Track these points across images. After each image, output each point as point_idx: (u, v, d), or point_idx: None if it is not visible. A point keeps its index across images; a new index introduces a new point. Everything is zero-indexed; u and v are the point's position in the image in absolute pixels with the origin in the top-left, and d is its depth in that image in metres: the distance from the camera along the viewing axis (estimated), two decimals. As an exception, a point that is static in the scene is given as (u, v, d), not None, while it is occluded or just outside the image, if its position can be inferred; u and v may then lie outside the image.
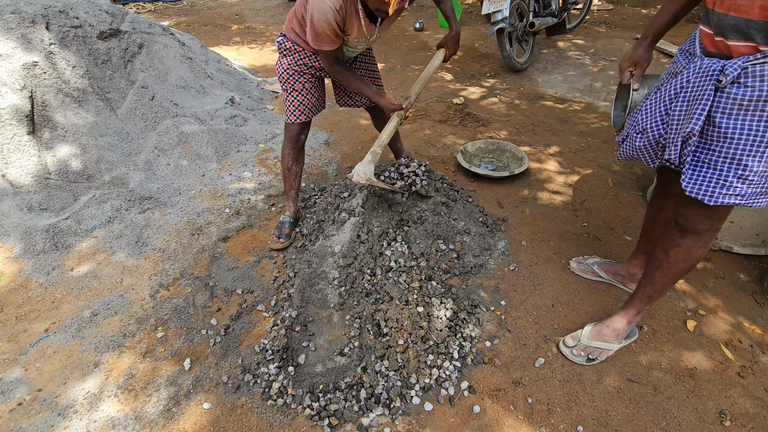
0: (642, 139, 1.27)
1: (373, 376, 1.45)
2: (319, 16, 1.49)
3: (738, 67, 1.02)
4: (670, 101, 1.17)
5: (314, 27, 1.53)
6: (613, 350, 1.52)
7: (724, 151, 1.09)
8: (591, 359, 1.51)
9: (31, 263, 1.92)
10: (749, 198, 1.11)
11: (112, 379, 1.49)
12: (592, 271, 1.86)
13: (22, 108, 2.22)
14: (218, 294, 1.82)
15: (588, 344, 1.52)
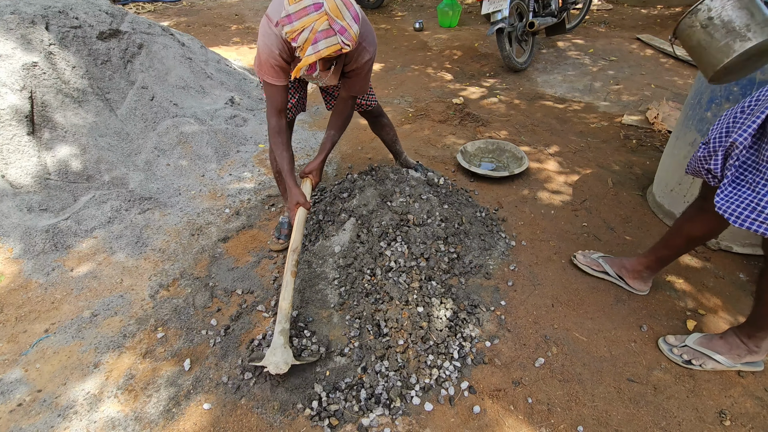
0: (703, 150, 1.19)
1: (373, 376, 1.45)
2: (264, 43, 1.44)
3: None
4: (741, 113, 1.10)
5: (259, 54, 1.47)
6: (724, 366, 1.43)
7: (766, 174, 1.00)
8: (686, 361, 1.46)
9: (31, 264, 1.92)
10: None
11: (112, 379, 1.49)
12: (597, 264, 1.83)
13: (22, 108, 2.22)
14: (218, 294, 1.82)
15: (696, 349, 1.46)
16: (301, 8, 1.22)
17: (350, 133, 3.08)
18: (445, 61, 4.41)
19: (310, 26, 1.22)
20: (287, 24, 1.24)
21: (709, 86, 1.82)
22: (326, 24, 1.23)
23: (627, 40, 4.66)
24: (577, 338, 1.61)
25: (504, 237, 2.06)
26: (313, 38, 1.23)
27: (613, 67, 4.05)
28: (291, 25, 1.24)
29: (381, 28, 5.56)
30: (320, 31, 1.23)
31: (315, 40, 1.24)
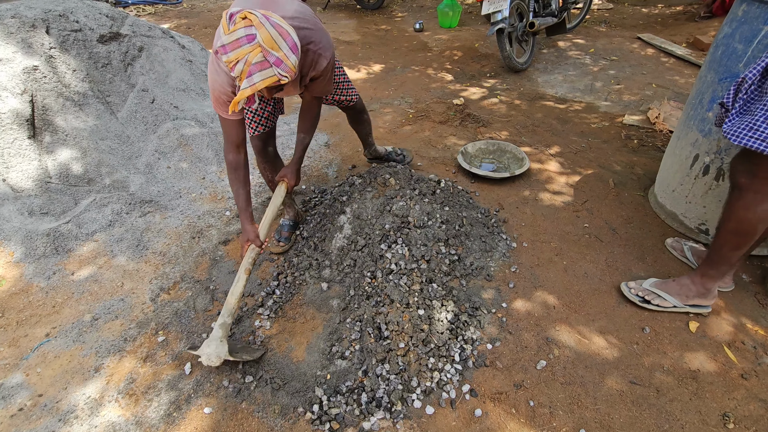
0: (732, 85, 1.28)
1: (374, 379, 1.45)
2: (211, 77, 1.42)
3: None
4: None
5: (211, 90, 1.44)
6: (671, 305, 1.60)
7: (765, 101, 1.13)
8: (645, 300, 1.63)
9: (32, 267, 1.92)
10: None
11: (112, 383, 1.49)
12: (681, 249, 1.91)
13: (23, 112, 2.23)
14: (219, 297, 1.82)
15: (650, 288, 1.63)
16: (234, 39, 1.15)
17: (351, 134, 3.08)
18: (446, 62, 4.41)
19: (243, 58, 1.16)
20: (223, 54, 1.18)
21: (710, 86, 1.81)
22: (260, 56, 1.16)
23: (628, 40, 4.65)
24: (579, 340, 1.60)
25: (505, 238, 2.06)
26: (248, 71, 1.17)
27: (614, 67, 4.03)
28: (227, 56, 1.18)
29: (381, 29, 5.55)
30: (254, 64, 1.17)
31: (250, 73, 1.18)
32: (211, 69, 1.41)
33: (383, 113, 3.39)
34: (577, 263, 1.93)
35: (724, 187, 1.84)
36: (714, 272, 1.51)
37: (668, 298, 1.61)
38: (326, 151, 2.88)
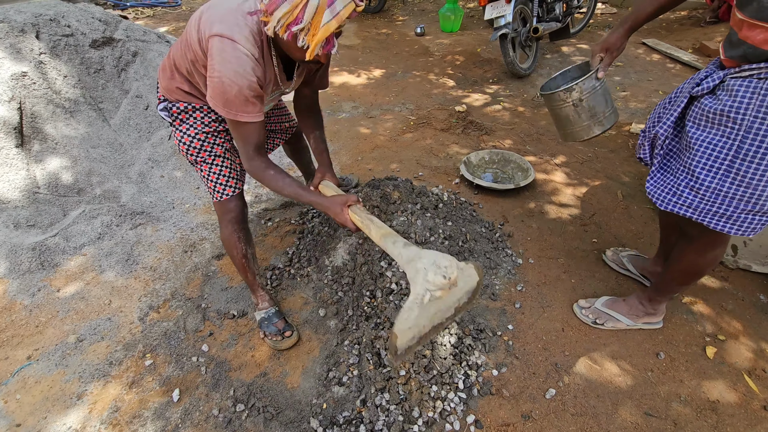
0: (641, 138, 1.32)
1: (373, 410, 1.36)
2: (234, 70, 1.09)
3: (717, 78, 1.03)
4: (669, 103, 1.22)
5: (225, 86, 1.11)
6: (624, 324, 1.59)
7: (684, 160, 1.11)
8: (597, 323, 1.61)
9: (16, 284, 1.84)
10: (703, 214, 1.11)
11: (96, 412, 1.40)
12: (621, 263, 1.87)
13: (10, 120, 2.14)
14: (210, 317, 1.73)
15: (602, 309, 1.62)
16: None
17: (350, 142, 3.00)
18: (447, 67, 4.33)
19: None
20: (282, 3, 0.99)
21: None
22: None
23: (632, 45, 4.57)
24: (590, 366, 1.52)
25: (510, 254, 1.97)
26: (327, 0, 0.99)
27: (620, 73, 3.95)
28: (288, 2, 0.98)
29: (382, 33, 5.48)
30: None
31: (330, 1, 0.99)
32: (229, 60, 1.09)
33: (384, 120, 3.31)
34: (586, 282, 1.84)
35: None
36: (661, 297, 1.54)
37: (621, 319, 1.59)
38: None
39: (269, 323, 1.61)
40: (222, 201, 1.48)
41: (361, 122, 3.28)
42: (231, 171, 1.47)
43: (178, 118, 1.41)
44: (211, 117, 1.41)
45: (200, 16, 1.19)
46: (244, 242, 1.54)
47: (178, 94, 1.37)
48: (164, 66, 1.39)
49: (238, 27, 1.10)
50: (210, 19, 1.13)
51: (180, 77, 1.34)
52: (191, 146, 1.42)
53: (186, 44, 1.25)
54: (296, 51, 1.12)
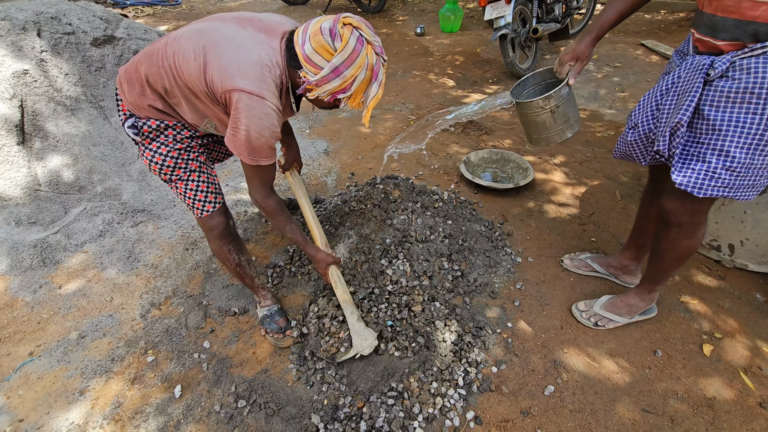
0: (633, 134, 1.31)
1: (373, 406, 1.37)
2: (263, 125, 1.13)
3: (726, 61, 1.05)
4: (661, 96, 1.22)
5: (252, 139, 1.15)
6: (622, 323, 1.61)
7: (713, 144, 1.11)
8: (598, 325, 1.62)
9: (18, 280, 1.85)
10: (737, 190, 1.14)
11: (98, 408, 1.41)
12: (585, 265, 1.88)
13: (12, 117, 2.15)
14: (212, 314, 1.74)
15: (599, 312, 1.62)
16: (351, 52, 1.07)
17: (350, 141, 3.01)
18: (447, 67, 4.35)
19: (365, 65, 1.09)
20: (333, 79, 1.09)
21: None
22: (374, 53, 1.11)
23: (631, 46, 4.59)
24: (588, 364, 1.53)
25: (510, 253, 1.99)
26: (373, 74, 1.12)
27: (618, 74, 3.97)
28: (340, 78, 1.09)
29: (382, 33, 5.49)
30: (375, 63, 1.12)
31: (375, 74, 1.12)
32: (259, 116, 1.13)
33: (384, 120, 3.33)
34: (584, 280, 1.86)
35: (737, 203, 1.78)
36: (658, 287, 1.57)
37: (619, 320, 1.60)
38: (325, 158, 2.81)
39: (271, 320, 1.62)
40: (203, 218, 1.44)
41: (361, 122, 3.29)
42: (208, 185, 1.42)
43: (148, 137, 1.34)
44: (184, 134, 1.36)
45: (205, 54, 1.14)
46: (235, 252, 1.52)
47: (149, 112, 1.29)
48: (129, 79, 1.28)
49: (264, 84, 1.12)
50: (228, 71, 1.11)
51: (153, 94, 1.27)
52: (164, 165, 1.35)
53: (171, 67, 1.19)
54: (326, 105, 1.24)
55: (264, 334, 1.63)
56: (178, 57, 1.17)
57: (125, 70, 1.30)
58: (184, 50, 1.17)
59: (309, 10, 6.39)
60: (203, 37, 1.17)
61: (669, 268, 1.46)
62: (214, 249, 1.51)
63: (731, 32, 1.04)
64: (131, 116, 1.33)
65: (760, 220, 1.75)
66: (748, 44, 1.02)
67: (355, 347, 1.47)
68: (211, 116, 1.28)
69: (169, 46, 1.20)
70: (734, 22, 1.02)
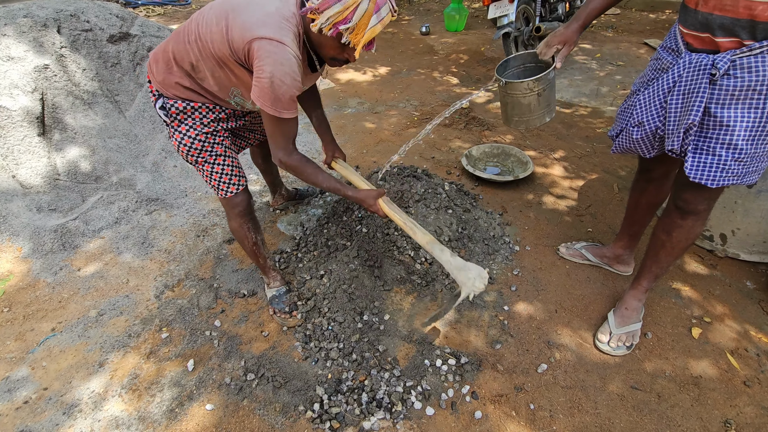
0: (639, 132, 1.36)
1: (374, 379, 1.45)
2: (285, 71, 1.14)
3: (728, 60, 1.10)
4: (664, 95, 1.26)
5: (275, 86, 1.15)
6: (639, 327, 1.60)
7: (722, 138, 1.17)
8: (629, 346, 1.56)
9: (40, 263, 1.95)
10: (743, 177, 1.22)
11: (116, 379, 1.51)
12: (580, 254, 1.95)
13: (33, 110, 2.26)
14: (222, 296, 1.83)
15: (621, 332, 1.58)
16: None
17: (355, 136, 3.10)
18: (452, 65, 4.42)
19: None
20: (335, 3, 1.07)
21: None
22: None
23: (635, 45, 4.64)
24: (580, 344, 1.60)
25: (508, 242, 2.06)
26: (375, 6, 1.09)
27: (621, 72, 4.03)
28: (342, 3, 1.07)
29: (387, 32, 5.58)
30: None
31: (377, 7, 1.10)
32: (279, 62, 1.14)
33: (388, 116, 3.41)
34: (579, 267, 1.93)
35: (729, 192, 1.83)
36: (654, 284, 1.59)
37: (637, 326, 1.60)
38: (331, 152, 2.89)
39: (279, 301, 1.71)
40: (228, 197, 1.51)
41: (367, 117, 3.38)
42: (233, 168, 1.50)
43: (177, 119, 1.40)
44: (210, 117, 1.42)
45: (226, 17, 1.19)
46: (253, 231, 1.60)
47: (176, 90, 1.36)
48: (157, 59, 1.36)
49: (284, 30, 1.14)
50: (248, 23, 1.15)
51: (180, 72, 1.33)
52: (192, 147, 1.42)
53: (197, 39, 1.25)
54: (331, 49, 1.21)
55: (272, 314, 1.71)
56: (202, 27, 1.23)
57: (154, 52, 1.39)
58: (207, 20, 1.23)
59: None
60: (224, 3, 1.22)
61: (674, 259, 1.49)
62: (235, 227, 1.58)
63: (729, 30, 1.09)
64: (160, 97, 1.39)
65: (750, 210, 1.81)
66: (746, 41, 1.07)
67: (465, 286, 1.33)
68: (237, 83, 1.31)
69: (193, 22, 1.28)
70: (732, 21, 1.07)
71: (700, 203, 1.32)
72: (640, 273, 1.59)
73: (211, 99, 1.40)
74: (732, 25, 1.08)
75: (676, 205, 1.37)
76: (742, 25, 1.06)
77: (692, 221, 1.36)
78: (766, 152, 1.19)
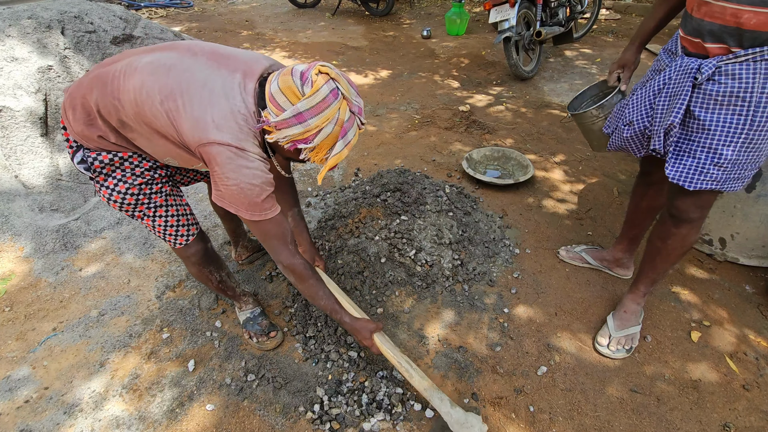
0: (629, 131, 1.38)
1: (375, 381, 1.46)
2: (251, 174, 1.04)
3: (712, 66, 1.13)
4: (654, 96, 1.29)
5: (246, 194, 1.05)
6: (639, 331, 1.60)
7: (702, 141, 1.20)
8: (629, 349, 1.57)
9: (41, 263, 1.96)
10: (724, 183, 1.23)
11: (117, 378, 1.51)
12: (580, 257, 1.96)
13: (36, 111, 2.27)
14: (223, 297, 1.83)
15: (620, 335, 1.58)
16: (320, 101, 0.98)
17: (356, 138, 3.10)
18: (452, 69, 4.44)
19: (333, 118, 1.00)
20: (295, 125, 0.99)
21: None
22: (348, 110, 1.03)
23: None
24: (580, 347, 1.61)
25: (508, 245, 2.07)
26: (342, 130, 1.02)
27: (621, 77, 4.04)
28: (303, 125, 0.99)
29: (389, 36, 5.61)
30: (347, 120, 1.03)
31: (344, 132, 1.03)
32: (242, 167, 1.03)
33: (389, 118, 3.42)
34: (579, 270, 1.93)
35: (728, 196, 1.84)
36: (652, 288, 1.60)
37: (636, 329, 1.60)
38: (332, 154, 2.90)
39: (254, 323, 1.61)
40: (178, 249, 1.37)
41: (368, 120, 3.39)
42: (179, 217, 1.33)
43: (102, 173, 1.19)
44: (144, 166, 1.22)
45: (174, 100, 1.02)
46: (215, 272, 1.50)
47: (99, 143, 1.14)
48: (74, 105, 1.12)
49: (242, 134, 1.03)
50: (201, 122, 1.01)
51: (105, 126, 1.12)
52: (124, 203, 1.24)
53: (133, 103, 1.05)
54: (289, 154, 1.12)
55: (248, 337, 1.60)
56: (140, 95, 1.04)
57: (70, 95, 1.15)
58: (148, 89, 1.03)
59: (318, 13, 6.53)
60: (171, 76, 1.04)
61: (670, 265, 1.50)
62: (194, 273, 1.47)
63: (717, 36, 1.11)
64: (79, 148, 1.18)
65: (749, 215, 1.82)
66: (733, 48, 1.10)
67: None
68: (174, 156, 1.15)
69: (127, 78, 1.06)
70: (720, 27, 1.10)
71: (692, 211, 1.33)
72: (638, 278, 1.60)
73: (142, 152, 1.20)
74: (720, 32, 1.10)
75: (670, 214, 1.38)
76: (729, 32, 1.08)
77: (686, 229, 1.37)
78: (750, 160, 1.20)
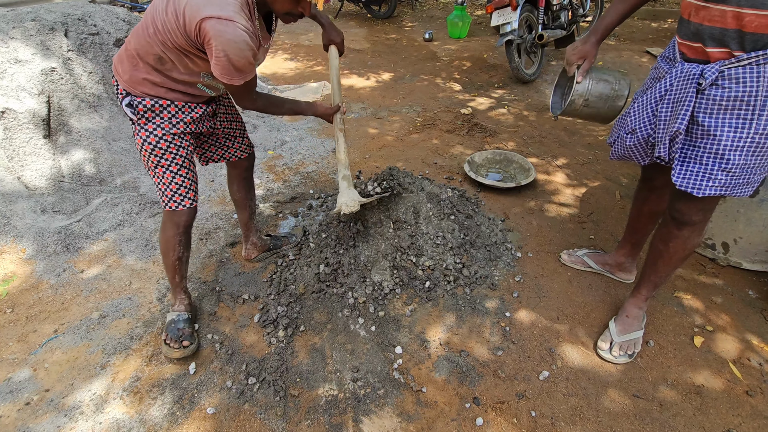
0: (632, 139, 1.38)
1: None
2: (237, 47, 1.17)
3: (715, 71, 1.12)
4: (656, 103, 1.29)
5: (233, 61, 1.19)
6: (641, 335, 1.59)
7: (708, 147, 1.18)
8: (631, 354, 1.56)
9: (43, 264, 1.96)
10: (733, 188, 1.21)
11: (118, 381, 1.51)
12: (582, 261, 1.95)
13: (39, 112, 2.28)
14: (224, 299, 1.83)
15: (622, 340, 1.57)
16: None
17: (358, 141, 3.11)
18: (454, 72, 4.45)
19: None
20: None
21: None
22: None
23: (637, 54, 4.66)
24: (582, 352, 1.60)
25: (510, 248, 2.06)
26: None
27: (623, 80, 4.04)
28: None
29: (391, 38, 5.62)
30: None
31: None
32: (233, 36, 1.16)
33: (391, 121, 3.43)
34: (581, 274, 1.93)
35: (731, 201, 1.84)
36: (654, 293, 1.59)
37: (638, 333, 1.59)
38: (333, 157, 2.91)
39: (175, 327, 1.56)
40: (176, 211, 1.47)
41: (370, 123, 3.39)
42: (191, 182, 1.48)
43: (144, 116, 1.37)
44: (179, 117, 1.39)
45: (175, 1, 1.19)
46: (182, 246, 1.55)
47: (144, 87, 1.34)
48: (121, 59, 1.36)
49: (228, 5, 1.15)
50: (194, 4, 1.15)
51: (146, 67, 1.31)
52: (157, 147, 1.38)
53: (155, 32, 1.24)
54: (285, 3, 1.25)
55: (163, 339, 1.54)
56: (158, 19, 1.23)
57: (118, 55, 1.38)
58: (159, 9, 1.22)
59: (320, 16, 6.54)
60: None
61: (673, 269, 1.49)
62: (167, 236, 1.52)
63: (719, 40, 1.11)
64: (127, 95, 1.36)
65: (753, 219, 1.81)
66: (735, 52, 1.09)
67: (337, 202, 1.56)
68: (205, 68, 1.32)
69: (149, 15, 1.27)
70: (721, 31, 1.09)
71: (694, 214, 1.32)
72: (640, 282, 1.60)
73: (181, 92, 1.38)
74: (721, 36, 1.09)
75: (672, 216, 1.38)
76: (731, 35, 1.08)
77: (688, 232, 1.37)
78: (759, 165, 1.18)
